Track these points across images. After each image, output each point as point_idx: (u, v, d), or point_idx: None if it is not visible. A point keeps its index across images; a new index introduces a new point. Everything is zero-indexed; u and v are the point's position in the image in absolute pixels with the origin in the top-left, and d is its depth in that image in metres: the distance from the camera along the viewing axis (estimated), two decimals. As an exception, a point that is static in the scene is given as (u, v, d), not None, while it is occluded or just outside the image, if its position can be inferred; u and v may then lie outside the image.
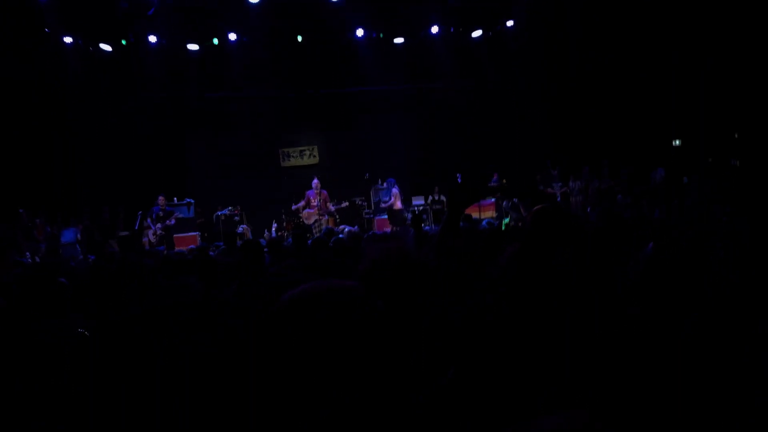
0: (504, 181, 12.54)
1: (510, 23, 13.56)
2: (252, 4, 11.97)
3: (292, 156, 15.26)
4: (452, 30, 13.59)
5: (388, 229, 11.43)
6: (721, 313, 1.76)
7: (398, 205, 12.63)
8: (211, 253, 5.81)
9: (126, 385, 1.88)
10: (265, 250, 4.66)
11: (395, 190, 12.68)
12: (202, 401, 1.94)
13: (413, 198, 13.88)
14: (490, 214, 12.75)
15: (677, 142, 12.29)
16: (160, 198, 11.86)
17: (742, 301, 1.96)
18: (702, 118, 10.94)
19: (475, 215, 11.36)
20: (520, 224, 11.95)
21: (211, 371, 2.00)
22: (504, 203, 12.28)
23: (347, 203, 12.49)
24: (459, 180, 12.96)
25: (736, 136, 12.05)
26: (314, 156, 15.28)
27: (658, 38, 11.68)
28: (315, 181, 12.37)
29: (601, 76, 13.03)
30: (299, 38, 13.28)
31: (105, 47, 12.42)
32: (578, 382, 1.64)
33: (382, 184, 13.27)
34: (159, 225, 11.80)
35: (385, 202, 12.88)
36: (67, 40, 11.83)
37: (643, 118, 12.85)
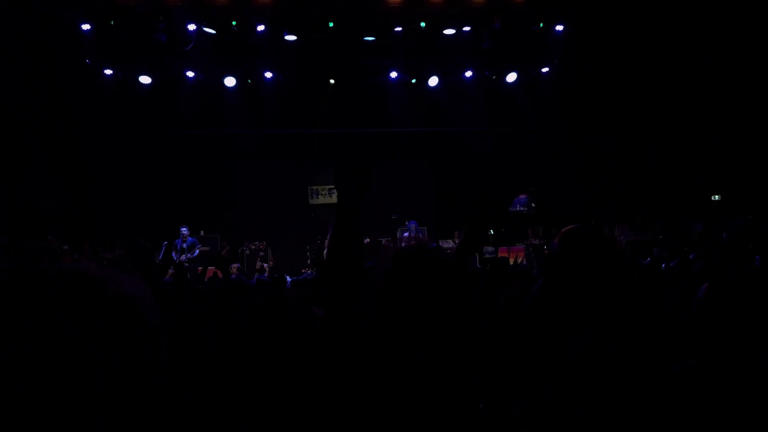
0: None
1: (545, 69, 13.44)
2: (289, 42, 12.15)
3: (321, 194, 15.25)
4: (487, 73, 13.52)
5: None
6: None
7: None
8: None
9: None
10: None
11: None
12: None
13: (441, 241, 13.62)
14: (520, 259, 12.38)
15: (716, 197, 11.85)
16: (183, 229, 11.90)
17: None
18: None
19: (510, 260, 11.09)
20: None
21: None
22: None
23: (368, 239, 12.29)
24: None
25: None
26: (343, 195, 15.20)
27: (705, 87, 11.43)
28: (339, 220, 12.26)
29: (642, 125, 12.76)
30: (331, 81, 13.42)
31: (144, 80, 12.70)
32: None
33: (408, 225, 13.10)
34: (183, 257, 11.81)
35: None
36: (107, 72, 12.18)
37: (684, 170, 12.49)
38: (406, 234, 12.76)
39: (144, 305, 0.78)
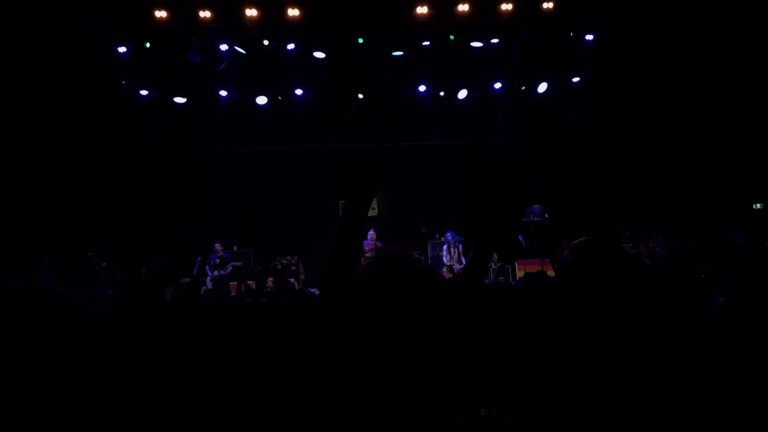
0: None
1: (576, 79, 13.28)
2: (318, 59, 12.30)
3: (352, 208, 15.28)
4: (515, 85, 13.44)
5: None
6: None
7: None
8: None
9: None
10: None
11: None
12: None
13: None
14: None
15: (758, 205, 11.47)
16: (217, 245, 12.09)
17: None
18: None
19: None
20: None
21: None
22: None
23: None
24: (523, 243, 12.45)
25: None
26: (373, 208, 15.24)
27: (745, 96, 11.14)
28: (371, 232, 12.28)
29: (676, 133, 12.48)
30: (360, 96, 13.52)
31: (179, 100, 13.01)
32: None
33: (439, 239, 13.01)
34: (216, 272, 11.98)
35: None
36: (143, 92, 12.52)
37: (723, 178, 12.15)
38: (445, 247, 12.56)
39: (93, 325, 0.79)
